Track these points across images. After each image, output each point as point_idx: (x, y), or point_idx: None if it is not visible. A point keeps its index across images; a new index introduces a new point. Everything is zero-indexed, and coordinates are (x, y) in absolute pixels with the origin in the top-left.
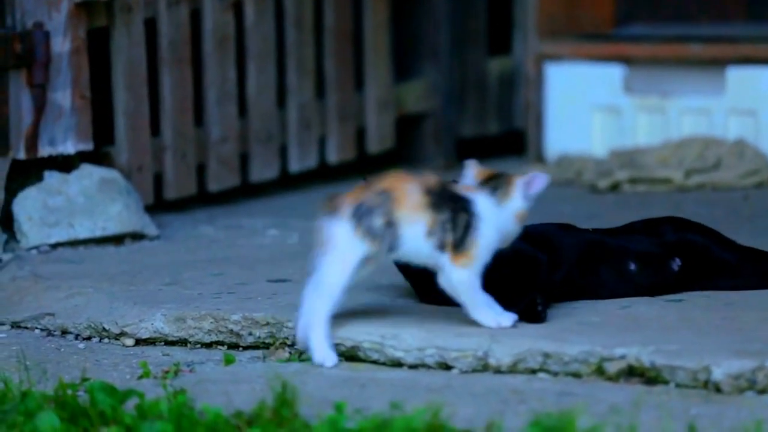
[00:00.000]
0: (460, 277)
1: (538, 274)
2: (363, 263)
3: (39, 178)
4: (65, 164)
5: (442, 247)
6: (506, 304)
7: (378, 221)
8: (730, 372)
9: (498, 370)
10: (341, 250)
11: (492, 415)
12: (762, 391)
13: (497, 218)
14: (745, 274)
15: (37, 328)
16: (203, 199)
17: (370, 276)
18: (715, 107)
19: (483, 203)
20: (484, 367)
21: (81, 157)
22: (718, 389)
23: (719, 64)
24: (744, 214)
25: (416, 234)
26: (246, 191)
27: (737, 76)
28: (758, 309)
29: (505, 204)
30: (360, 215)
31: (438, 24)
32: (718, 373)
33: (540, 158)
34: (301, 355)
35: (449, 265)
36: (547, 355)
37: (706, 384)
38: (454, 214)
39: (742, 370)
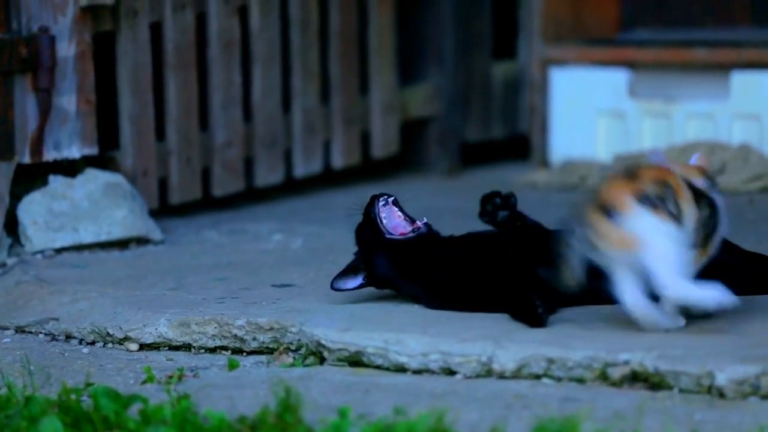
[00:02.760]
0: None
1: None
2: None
3: (44, 183)
4: (70, 169)
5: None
6: (501, 305)
7: (672, 207)
8: (733, 377)
9: (502, 376)
10: (659, 241)
11: (496, 421)
12: (766, 397)
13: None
14: (749, 279)
15: (41, 332)
16: (208, 203)
17: None
18: (720, 112)
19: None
20: (488, 373)
21: (86, 162)
22: (721, 394)
23: (724, 68)
24: (749, 218)
25: (689, 227)
26: (251, 196)
27: (742, 80)
28: (762, 314)
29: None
30: (652, 203)
31: (443, 28)
32: (721, 379)
33: (544, 163)
34: (305, 360)
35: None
36: (551, 361)
37: (710, 389)
38: (710, 212)
39: (746, 375)
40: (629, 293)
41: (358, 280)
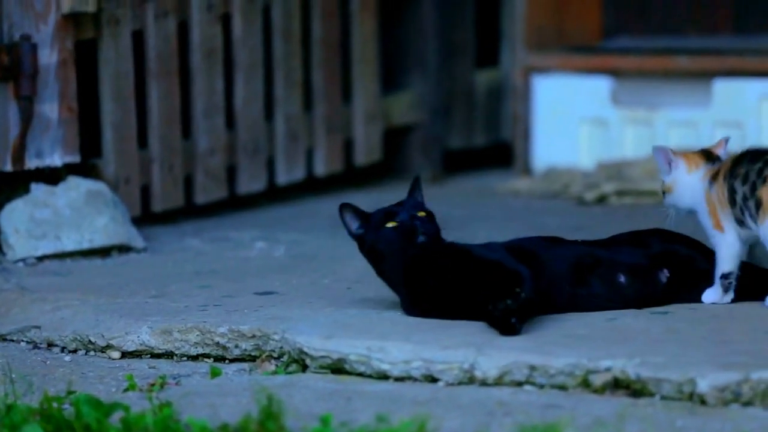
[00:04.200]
0: None
1: (523, 282)
2: None
3: (26, 191)
4: (52, 176)
5: None
6: (480, 314)
7: None
8: (715, 384)
9: (484, 383)
10: None
11: (478, 428)
12: (747, 404)
13: None
14: None
15: (23, 340)
16: (190, 211)
17: (357, 288)
18: (702, 119)
19: None
20: (470, 380)
21: (68, 170)
22: (703, 401)
23: (706, 76)
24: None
25: None
26: (233, 203)
27: (724, 88)
28: (743, 321)
29: None
30: None
31: (426, 36)
32: (703, 386)
33: (527, 170)
34: (287, 367)
35: None
36: (533, 368)
37: (692, 396)
38: None
39: (728, 382)
40: None
41: (359, 229)
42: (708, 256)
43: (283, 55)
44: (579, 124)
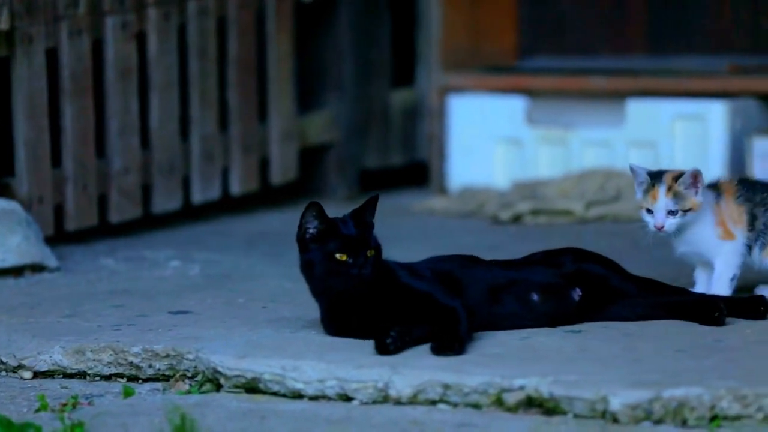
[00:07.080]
0: None
1: (459, 323)
2: None
3: None
4: None
5: None
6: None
7: None
8: (627, 402)
9: (398, 402)
10: None
11: None
12: (658, 422)
13: None
14: (643, 305)
15: None
16: (105, 230)
17: (272, 307)
18: (616, 139)
19: None
20: (385, 399)
21: None
22: (615, 419)
23: (620, 96)
24: (643, 245)
25: None
26: (148, 222)
27: (637, 108)
28: (656, 340)
29: None
30: None
31: (341, 56)
32: (615, 404)
33: (443, 190)
34: (201, 387)
35: None
36: (447, 386)
37: (604, 414)
38: None
39: (639, 400)
40: None
41: (312, 232)
42: (620, 273)
43: (198, 75)
44: (494, 143)
